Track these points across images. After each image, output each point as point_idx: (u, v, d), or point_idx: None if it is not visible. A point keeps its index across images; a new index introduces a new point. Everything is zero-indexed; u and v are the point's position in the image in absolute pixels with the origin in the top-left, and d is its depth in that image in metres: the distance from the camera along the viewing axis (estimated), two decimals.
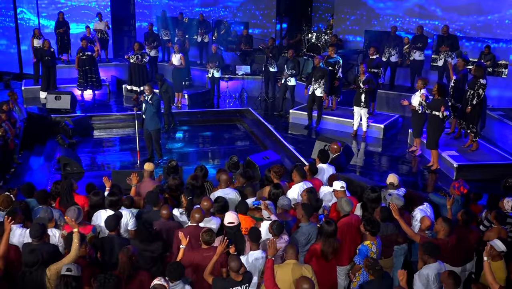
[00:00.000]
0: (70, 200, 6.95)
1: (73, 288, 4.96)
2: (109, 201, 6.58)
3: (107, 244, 6.04)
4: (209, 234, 5.86)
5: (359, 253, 6.05)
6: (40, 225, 5.83)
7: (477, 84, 9.74)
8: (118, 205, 6.60)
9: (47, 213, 6.32)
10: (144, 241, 5.96)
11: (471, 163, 9.67)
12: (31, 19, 18.39)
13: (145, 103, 10.39)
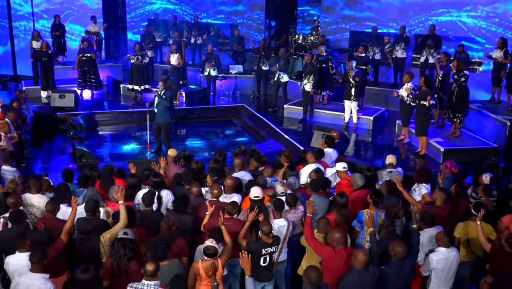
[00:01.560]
0: (111, 182, 7.65)
1: (129, 248, 5.69)
2: (153, 182, 7.28)
3: (144, 219, 6.78)
4: (233, 205, 6.69)
5: (356, 218, 6.89)
6: (94, 201, 6.57)
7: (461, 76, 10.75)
8: (161, 186, 7.31)
9: (93, 192, 7.05)
10: (180, 212, 6.71)
11: (456, 148, 10.70)
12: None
13: (158, 98, 11.13)
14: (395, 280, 5.64)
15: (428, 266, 6.03)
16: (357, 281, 5.34)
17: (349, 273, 5.42)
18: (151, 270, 5.09)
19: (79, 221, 6.30)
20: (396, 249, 5.65)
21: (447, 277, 6.08)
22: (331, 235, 5.93)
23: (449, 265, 6.01)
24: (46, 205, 6.62)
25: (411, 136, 11.70)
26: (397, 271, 5.67)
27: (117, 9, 20.18)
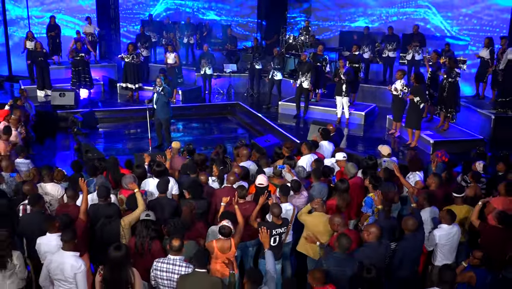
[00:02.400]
0: (117, 172, 8.07)
1: (152, 229, 6.13)
2: (156, 171, 7.74)
3: (158, 204, 7.21)
4: (243, 188, 7.17)
5: (365, 204, 7.42)
6: (105, 187, 6.99)
7: (453, 73, 11.37)
8: (165, 174, 7.77)
9: (102, 179, 7.47)
10: (196, 197, 7.16)
11: (445, 139, 11.30)
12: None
13: (157, 94, 11.54)
14: (409, 251, 6.14)
15: (432, 241, 6.53)
16: (373, 253, 5.83)
17: (365, 247, 5.92)
18: (176, 245, 5.54)
19: (100, 206, 6.72)
20: (408, 222, 6.17)
21: (450, 251, 6.58)
22: (331, 220, 6.40)
23: (452, 240, 6.52)
24: (67, 192, 7.04)
25: (401, 130, 12.27)
26: (411, 243, 6.17)
27: (110, 10, 20.51)
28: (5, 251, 5.79)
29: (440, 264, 6.40)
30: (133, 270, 5.48)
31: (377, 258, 5.81)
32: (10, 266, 5.81)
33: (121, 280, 5.34)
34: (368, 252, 5.85)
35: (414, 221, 6.23)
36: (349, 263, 5.64)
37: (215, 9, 19.89)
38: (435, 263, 6.64)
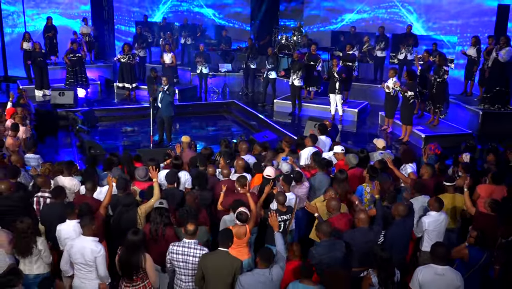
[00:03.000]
0: (131, 166, 8.43)
1: (165, 216, 6.49)
2: (174, 164, 8.15)
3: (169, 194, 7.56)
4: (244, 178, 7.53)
5: (356, 192, 7.82)
6: (124, 179, 7.35)
7: (441, 71, 11.87)
8: (181, 168, 8.16)
9: (119, 171, 7.82)
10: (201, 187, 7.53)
11: (435, 134, 11.81)
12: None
13: (162, 93, 11.93)
14: (399, 237, 6.56)
15: (421, 227, 6.95)
16: (362, 237, 6.24)
17: (356, 230, 6.34)
18: (191, 229, 5.90)
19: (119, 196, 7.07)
20: (399, 208, 6.59)
21: (438, 236, 6.98)
22: (328, 203, 6.83)
23: (439, 226, 6.94)
24: (86, 184, 7.37)
25: (394, 126, 12.75)
26: (401, 229, 6.59)
27: (103, 11, 20.79)
28: (30, 237, 6.12)
29: (427, 249, 6.74)
30: (145, 255, 5.84)
31: (365, 242, 6.21)
32: (36, 251, 6.15)
33: (133, 263, 5.71)
34: (358, 236, 6.26)
35: (405, 207, 6.65)
36: (337, 246, 6.04)
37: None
38: (423, 248, 6.99)
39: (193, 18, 20.09)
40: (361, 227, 6.34)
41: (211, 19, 20.45)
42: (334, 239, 6.11)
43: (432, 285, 5.51)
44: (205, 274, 5.67)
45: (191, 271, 5.86)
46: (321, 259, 5.88)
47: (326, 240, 6.07)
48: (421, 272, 5.60)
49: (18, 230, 6.13)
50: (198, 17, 20.38)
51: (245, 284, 5.38)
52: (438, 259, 5.56)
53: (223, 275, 5.61)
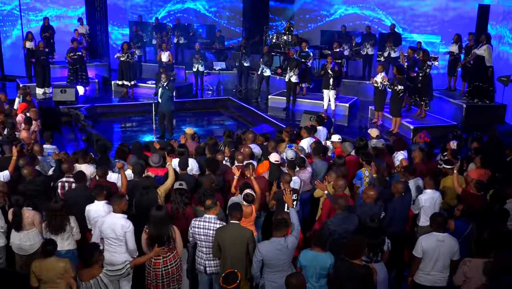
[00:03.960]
0: (141, 154, 9.01)
1: (185, 196, 7.11)
2: (179, 151, 8.72)
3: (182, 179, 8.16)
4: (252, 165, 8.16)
5: (356, 177, 8.54)
6: (140, 164, 7.93)
7: (425, 66, 12.67)
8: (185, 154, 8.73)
9: (134, 159, 8.41)
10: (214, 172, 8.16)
11: (423, 125, 12.60)
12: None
13: (162, 89, 12.50)
14: (398, 211, 7.25)
15: (418, 204, 7.65)
16: (369, 210, 6.92)
17: (363, 205, 7.03)
18: (210, 204, 6.53)
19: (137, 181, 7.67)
20: (398, 185, 7.30)
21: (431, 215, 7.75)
22: (336, 182, 7.52)
23: (434, 203, 7.64)
24: (97, 171, 7.94)
25: (383, 119, 13.52)
26: (399, 204, 7.28)
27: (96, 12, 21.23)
28: (63, 216, 6.71)
29: (424, 224, 7.46)
30: (174, 227, 6.46)
31: (373, 215, 6.88)
32: (68, 229, 6.73)
33: (164, 235, 6.30)
34: (365, 210, 6.96)
35: (403, 184, 7.38)
36: (350, 219, 6.71)
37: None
38: (420, 224, 7.68)
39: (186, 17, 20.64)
40: (368, 202, 7.04)
41: (202, 14, 21.01)
42: (348, 213, 6.76)
43: (435, 250, 6.22)
44: (221, 245, 6.28)
45: (211, 244, 6.48)
46: (335, 229, 6.54)
47: (342, 213, 6.71)
48: (424, 240, 6.30)
49: (53, 209, 6.69)
50: (188, 16, 20.95)
51: (263, 251, 6.02)
52: (438, 227, 6.28)
53: (237, 244, 6.24)
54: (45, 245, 5.99)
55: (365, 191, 7.18)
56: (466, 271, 5.92)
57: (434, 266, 6.27)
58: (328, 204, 7.21)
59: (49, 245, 5.96)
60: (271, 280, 6.09)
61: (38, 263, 5.95)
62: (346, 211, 6.73)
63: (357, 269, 5.67)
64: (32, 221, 6.94)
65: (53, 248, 5.96)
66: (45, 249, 5.93)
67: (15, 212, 6.86)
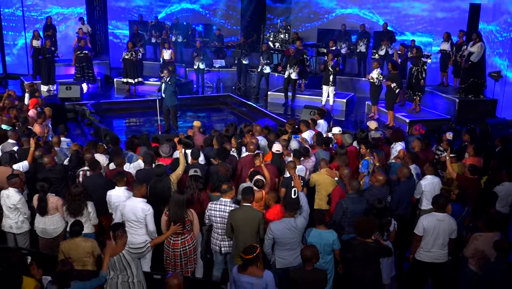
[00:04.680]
0: (150, 146, 9.48)
1: (200, 182, 7.59)
2: (185, 142, 9.20)
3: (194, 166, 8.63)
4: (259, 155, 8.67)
5: (362, 166, 9.07)
6: (150, 154, 8.43)
7: (420, 62, 13.25)
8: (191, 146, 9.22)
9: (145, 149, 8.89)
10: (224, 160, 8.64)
11: (418, 119, 13.16)
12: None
13: (165, 84, 12.97)
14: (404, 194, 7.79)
15: (419, 189, 8.15)
16: (378, 193, 7.48)
17: (373, 188, 7.59)
18: (226, 188, 7.02)
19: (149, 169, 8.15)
20: (404, 170, 7.85)
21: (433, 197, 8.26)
22: (341, 171, 8.04)
23: (434, 188, 8.14)
24: (114, 160, 8.43)
25: (380, 113, 14.06)
26: (405, 188, 7.83)
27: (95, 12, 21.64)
28: (82, 200, 7.17)
29: (425, 208, 8.01)
30: (191, 210, 6.94)
31: (381, 197, 7.45)
32: (86, 213, 7.19)
33: (183, 217, 6.78)
34: (374, 193, 7.50)
35: (409, 169, 7.92)
36: (361, 200, 7.25)
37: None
38: (422, 207, 8.22)
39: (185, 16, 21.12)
40: (377, 186, 7.58)
41: (199, 13, 21.49)
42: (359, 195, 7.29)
43: (435, 229, 6.75)
44: (234, 226, 6.78)
45: None
46: (347, 208, 7.05)
47: (354, 194, 7.23)
48: (426, 219, 6.83)
49: (72, 194, 7.17)
50: (187, 15, 21.45)
51: (274, 229, 6.51)
52: (439, 207, 6.82)
53: (249, 225, 6.73)
54: (72, 225, 6.45)
55: (374, 175, 7.74)
56: (477, 245, 6.45)
57: (434, 243, 6.79)
58: (339, 191, 7.70)
59: (76, 226, 6.44)
60: (281, 257, 6.61)
61: (67, 243, 6.42)
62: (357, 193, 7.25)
63: (370, 246, 6.18)
64: (56, 206, 7.39)
65: (79, 228, 6.44)
66: (72, 229, 6.40)
67: (40, 197, 7.30)
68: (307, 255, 5.65)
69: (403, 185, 7.86)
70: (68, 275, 5.37)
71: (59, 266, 5.41)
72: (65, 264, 5.47)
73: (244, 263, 5.57)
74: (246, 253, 5.53)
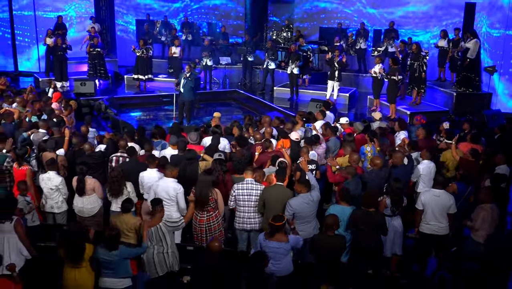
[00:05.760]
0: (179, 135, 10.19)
1: (224, 165, 8.32)
2: (214, 131, 9.98)
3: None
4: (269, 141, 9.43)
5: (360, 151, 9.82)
6: (183, 141, 9.16)
7: (420, 57, 14.05)
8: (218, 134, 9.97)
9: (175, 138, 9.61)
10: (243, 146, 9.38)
11: (418, 111, 13.94)
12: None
13: (185, 79, 13.73)
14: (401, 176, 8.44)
15: (416, 173, 8.91)
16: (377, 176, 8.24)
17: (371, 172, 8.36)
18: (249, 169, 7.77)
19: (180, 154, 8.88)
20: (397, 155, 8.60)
21: (429, 180, 8.88)
22: (351, 156, 8.79)
23: (430, 172, 8.90)
24: (145, 147, 9.19)
25: (381, 107, 14.84)
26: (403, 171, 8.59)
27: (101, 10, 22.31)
28: (121, 181, 7.90)
29: (421, 190, 8.67)
30: (216, 190, 7.68)
31: (380, 180, 8.23)
32: (125, 192, 7.91)
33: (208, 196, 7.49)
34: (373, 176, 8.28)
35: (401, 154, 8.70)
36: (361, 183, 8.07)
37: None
38: (418, 190, 8.91)
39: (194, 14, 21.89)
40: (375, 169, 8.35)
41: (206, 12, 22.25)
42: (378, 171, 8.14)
43: (432, 204, 7.52)
44: (266, 202, 7.53)
45: (253, 203, 7.69)
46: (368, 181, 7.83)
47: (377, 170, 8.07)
48: (423, 195, 7.63)
49: (112, 176, 7.91)
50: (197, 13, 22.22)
51: (293, 205, 7.27)
52: (437, 184, 7.59)
53: (280, 202, 7.46)
54: (124, 202, 7.16)
55: (372, 159, 8.50)
56: (484, 215, 7.25)
57: (432, 217, 7.56)
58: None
59: (127, 203, 7.15)
60: (300, 229, 7.34)
61: (116, 218, 7.14)
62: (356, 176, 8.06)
63: (373, 215, 6.94)
64: (93, 187, 8.11)
65: (130, 206, 7.15)
66: (124, 206, 7.11)
67: (79, 179, 8.02)
68: (329, 222, 6.41)
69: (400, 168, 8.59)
70: (116, 239, 6.08)
71: (107, 230, 6.12)
72: (112, 228, 6.19)
73: (272, 230, 6.32)
74: (276, 220, 6.27)
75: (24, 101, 12.25)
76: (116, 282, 6.17)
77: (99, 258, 6.08)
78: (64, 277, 6.23)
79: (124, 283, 6.21)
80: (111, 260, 6.06)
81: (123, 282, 6.21)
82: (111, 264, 6.10)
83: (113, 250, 6.07)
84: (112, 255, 6.05)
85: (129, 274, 6.29)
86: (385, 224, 7.01)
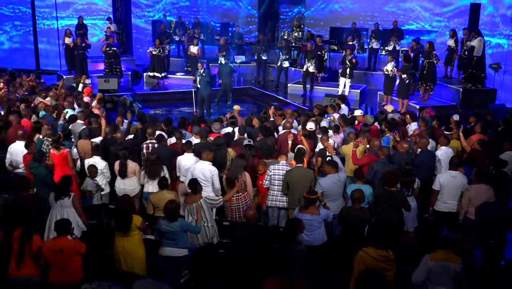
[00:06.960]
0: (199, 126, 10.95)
1: (252, 150, 9.10)
2: (231, 122, 10.75)
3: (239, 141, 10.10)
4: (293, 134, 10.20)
5: (384, 142, 10.56)
6: (205, 130, 9.95)
7: (432, 55, 14.82)
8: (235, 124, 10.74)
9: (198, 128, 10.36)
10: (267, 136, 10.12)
11: (427, 105, 14.68)
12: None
13: (200, 76, 14.52)
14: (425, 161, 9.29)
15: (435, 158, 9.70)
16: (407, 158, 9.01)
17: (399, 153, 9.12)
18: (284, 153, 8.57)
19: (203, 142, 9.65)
20: (423, 141, 9.35)
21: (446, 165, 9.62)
22: (372, 142, 9.56)
23: (448, 156, 9.60)
24: (175, 134, 9.97)
25: (392, 102, 15.59)
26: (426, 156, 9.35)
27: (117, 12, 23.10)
28: (158, 164, 8.67)
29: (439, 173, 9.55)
30: (245, 173, 8.45)
31: (407, 159, 8.98)
32: (162, 174, 8.67)
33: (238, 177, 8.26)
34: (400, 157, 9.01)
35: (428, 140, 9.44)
36: (389, 165, 8.75)
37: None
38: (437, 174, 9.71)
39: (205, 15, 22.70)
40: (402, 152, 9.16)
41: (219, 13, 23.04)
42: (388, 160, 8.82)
43: (449, 183, 8.32)
44: (290, 184, 8.29)
45: None
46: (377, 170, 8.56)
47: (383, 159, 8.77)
48: (441, 176, 8.43)
49: (151, 160, 8.67)
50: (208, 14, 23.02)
51: (323, 184, 8.04)
52: (453, 166, 8.40)
53: (303, 181, 8.23)
54: (160, 180, 7.94)
55: (401, 143, 9.30)
56: (469, 195, 8.05)
57: (449, 196, 8.32)
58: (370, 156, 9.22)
59: (163, 180, 7.94)
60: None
61: (155, 195, 7.93)
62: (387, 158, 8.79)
63: (395, 194, 7.68)
64: (133, 170, 8.90)
65: (166, 182, 7.97)
66: (161, 183, 7.90)
67: (121, 162, 8.81)
68: (356, 196, 7.18)
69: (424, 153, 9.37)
70: (175, 211, 6.82)
71: (167, 204, 6.86)
72: (172, 202, 6.92)
73: (306, 202, 7.08)
74: (311, 194, 7.04)
75: (56, 95, 13.08)
76: (175, 250, 6.90)
77: (161, 229, 6.81)
78: (114, 245, 6.97)
79: (181, 252, 6.95)
80: (172, 230, 6.79)
81: (181, 251, 6.95)
82: (173, 234, 6.82)
83: (174, 221, 6.79)
84: (173, 226, 6.79)
85: (187, 244, 7.04)
86: (407, 201, 7.75)
